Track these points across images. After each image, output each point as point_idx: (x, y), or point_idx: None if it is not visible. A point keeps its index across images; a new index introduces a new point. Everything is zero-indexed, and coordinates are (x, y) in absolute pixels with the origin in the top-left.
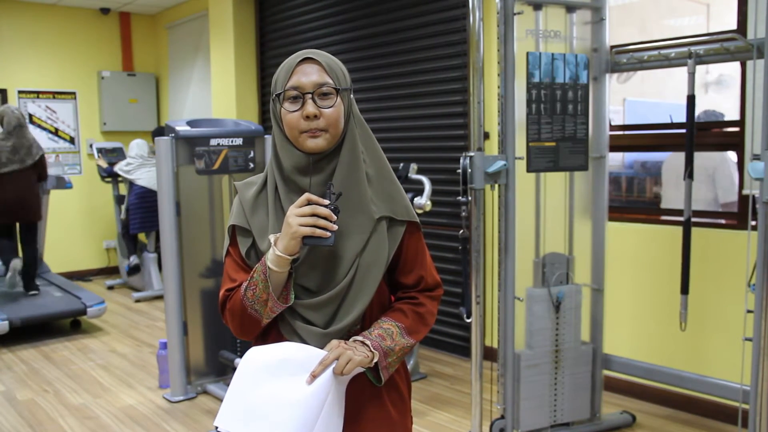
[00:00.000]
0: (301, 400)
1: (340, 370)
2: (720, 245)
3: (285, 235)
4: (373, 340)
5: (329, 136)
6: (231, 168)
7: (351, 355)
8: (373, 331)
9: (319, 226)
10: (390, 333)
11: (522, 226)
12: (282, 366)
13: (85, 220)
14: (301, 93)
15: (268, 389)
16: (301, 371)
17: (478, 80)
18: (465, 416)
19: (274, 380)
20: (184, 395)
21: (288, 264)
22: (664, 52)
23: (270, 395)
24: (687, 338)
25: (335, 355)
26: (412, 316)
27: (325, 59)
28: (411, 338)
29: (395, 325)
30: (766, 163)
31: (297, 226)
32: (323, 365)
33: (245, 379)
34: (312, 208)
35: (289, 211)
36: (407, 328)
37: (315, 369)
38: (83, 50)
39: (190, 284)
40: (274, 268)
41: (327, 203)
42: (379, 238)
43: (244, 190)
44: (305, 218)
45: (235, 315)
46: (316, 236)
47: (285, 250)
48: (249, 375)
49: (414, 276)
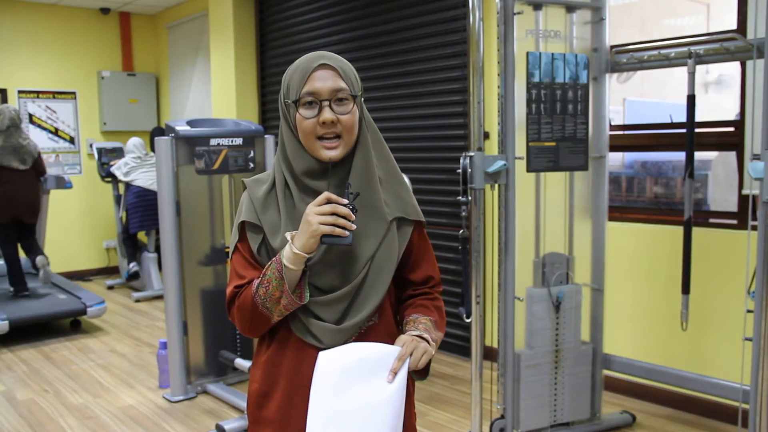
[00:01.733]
0: (388, 398)
1: (416, 363)
2: (720, 245)
3: (304, 233)
4: (431, 333)
5: (344, 143)
6: (231, 168)
7: (426, 347)
8: (418, 327)
9: (338, 225)
10: (428, 327)
11: (522, 226)
12: (361, 367)
13: (85, 220)
14: (318, 100)
15: (352, 393)
16: (379, 369)
17: (478, 80)
18: (465, 416)
19: (356, 382)
20: (184, 395)
21: (303, 262)
22: (664, 52)
23: (356, 398)
24: (687, 338)
25: (411, 349)
26: (435, 311)
27: (339, 64)
28: (440, 332)
29: (428, 320)
30: (766, 163)
31: (317, 224)
32: (401, 360)
33: (326, 386)
34: (332, 207)
35: (308, 209)
36: (437, 323)
37: (394, 365)
38: (83, 50)
39: (190, 284)
40: (290, 266)
41: (346, 202)
42: (391, 238)
43: (254, 187)
44: (325, 217)
45: (245, 312)
46: (335, 235)
47: (303, 248)
48: (329, 381)
49: (422, 273)
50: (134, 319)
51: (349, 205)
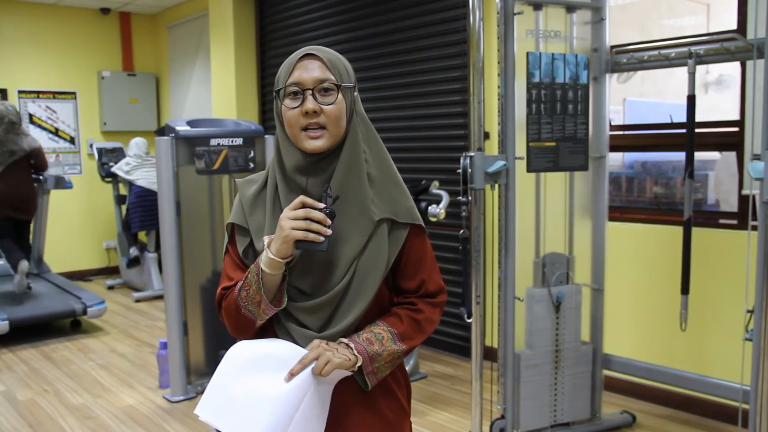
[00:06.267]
0: (277, 396)
1: (319, 370)
2: (720, 245)
3: (277, 238)
4: (358, 344)
5: (329, 135)
6: (231, 168)
7: (330, 357)
8: (361, 335)
9: (312, 230)
10: (380, 338)
11: (522, 226)
12: (264, 361)
13: (85, 220)
14: (301, 89)
15: (248, 383)
16: (283, 368)
17: (478, 80)
18: (465, 416)
19: (255, 374)
20: (184, 395)
21: (281, 267)
22: (664, 52)
23: (249, 389)
24: (687, 338)
25: (315, 355)
26: (407, 322)
27: (326, 55)
28: (403, 344)
29: (387, 330)
30: (766, 163)
31: (289, 229)
32: (302, 364)
33: (228, 371)
34: (306, 211)
35: (283, 213)
36: (400, 334)
37: (293, 367)
38: (83, 50)
39: (190, 284)
40: (267, 271)
41: (322, 206)
42: (378, 241)
43: (245, 188)
44: (298, 222)
45: (231, 314)
46: (308, 240)
47: (277, 253)
48: (232, 367)
49: (415, 281)
50: (134, 319)
51: (325, 210)
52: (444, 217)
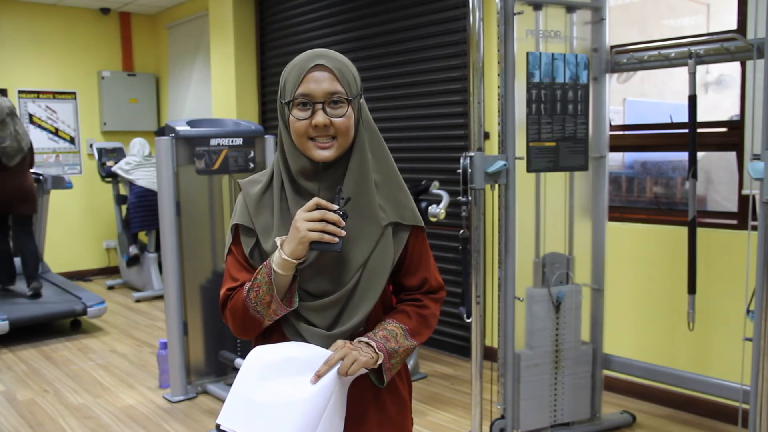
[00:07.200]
0: (304, 399)
1: (345, 370)
2: (720, 245)
3: (292, 240)
4: (377, 342)
5: (338, 145)
6: (231, 168)
7: (357, 356)
8: (377, 333)
9: (327, 231)
10: (394, 335)
11: (522, 226)
12: (286, 365)
13: (85, 220)
14: (311, 102)
15: (271, 388)
16: (306, 370)
17: (478, 80)
18: (465, 416)
19: (278, 379)
20: (184, 395)
21: (293, 268)
22: (664, 52)
23: (273, 394)
24: (687, 338)
25: (341, 355)
26: (416, 318)
27: (335, 64)
28: (414, 340)
29: (399, 327)
30: (766, 163)
31: (305, 231)
32: (328, 365)
33: (249, 377)
34: (321, 213)
35: (297, 215)
36: (411, 330)
37: (320, 369)
38: (83, 50)
39: (190, 284)
40: (280, 272)
41: (336, 208)
42: (385, 243)
43: (249, 188)
44: (314, 223)
45: (237, 315)
46: (324, 242)
47: (292, 254)
48: (252, 373)
49: (418, 278)
50: (134, 319)
51: (339, 211)
52: (444, 217)
